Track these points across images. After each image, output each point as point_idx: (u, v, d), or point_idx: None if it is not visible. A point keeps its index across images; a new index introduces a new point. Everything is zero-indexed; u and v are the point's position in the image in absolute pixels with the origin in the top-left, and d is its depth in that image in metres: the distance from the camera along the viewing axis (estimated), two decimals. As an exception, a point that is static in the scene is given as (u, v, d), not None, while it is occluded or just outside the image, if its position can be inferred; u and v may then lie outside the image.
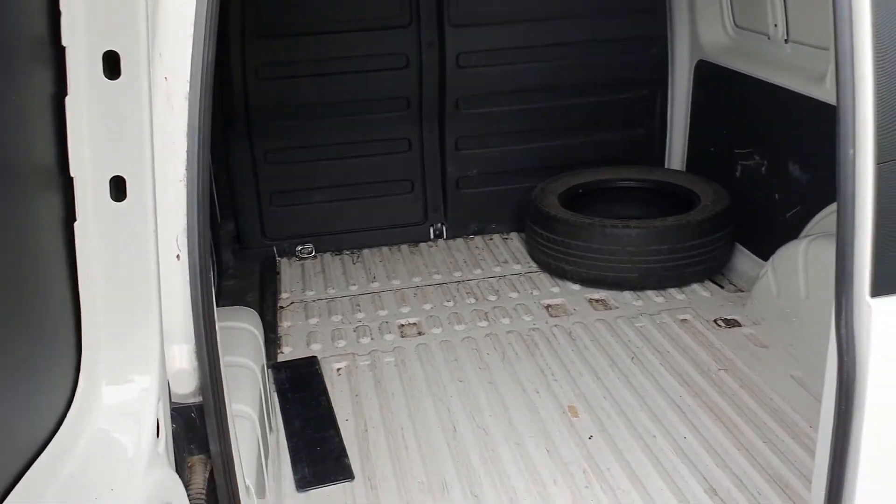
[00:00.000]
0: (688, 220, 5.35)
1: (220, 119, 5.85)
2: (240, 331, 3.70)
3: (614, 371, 4.62)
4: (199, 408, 2.36)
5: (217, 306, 5.44)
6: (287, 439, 4.18)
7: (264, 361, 3.83)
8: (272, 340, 5.11)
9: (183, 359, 2.33)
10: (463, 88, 6.14)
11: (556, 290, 5.59)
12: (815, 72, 4.78)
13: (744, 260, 5.61)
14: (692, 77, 6.22)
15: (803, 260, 4.57)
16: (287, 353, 5.01)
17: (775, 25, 5.18)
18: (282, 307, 5.60)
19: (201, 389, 2.34)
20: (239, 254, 6.24)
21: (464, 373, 4.68)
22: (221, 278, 6.00)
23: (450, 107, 6.16)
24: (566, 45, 6.16)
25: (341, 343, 5.07)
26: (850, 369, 2.33)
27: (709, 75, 6.03)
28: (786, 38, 5.12)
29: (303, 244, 6.32)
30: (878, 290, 2.31)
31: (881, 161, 2.29)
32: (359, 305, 5.53)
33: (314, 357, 4.91)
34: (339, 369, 4.80)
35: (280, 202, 6.23)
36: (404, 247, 6.38)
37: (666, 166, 6.53)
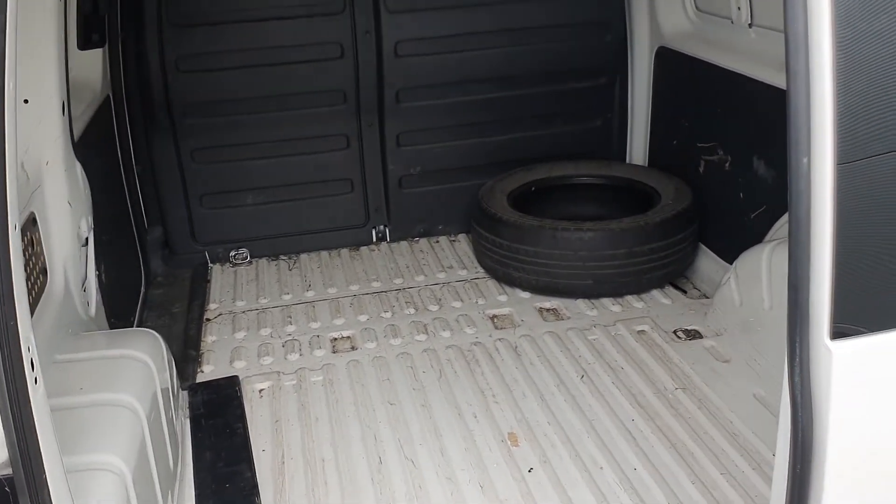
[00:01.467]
0: (646, 221, 4.93)
1: (140, 116, 5.42)
2: (124, 360, 3.25)
3: (561, 391, 4.19)
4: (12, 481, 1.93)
5: (144, 319, 5.12)
6: (194, 475, 3.74)
7: (157, 390, 3.36)
8: (192, 358, 4.72)
9: (-8, 425, 1.90)
10: (403, 79, 5.72)
11: (503, 298, 5.16)
12: (780, 59, 4.34)
13: (708, 262, 5.20)
14: (652, 65, 5.81)
15: (767, 267, 4.16)
16: (207, 371, 4.59)
17: (738, 9, 4.81)
18: (208, 319, 5.17)
19: (11, 462, 1.90)
20: (170, 260, 5.83)
21: (396, 394, 4.26)
22: (149, 287, 5.59)
23: (389, 100, 5.73)
24: (515, 30, 5.76)
25: (267, 360, 4.64)
26: (807, 427, 1.90)
27: (670, 63, 5.63)
28: (750, 22, 4.75)
29: (237, 249, 5.89)
30: (840, 331, 1.88)
31: (841, 161, 1.88)
32: (290, 317, 5.10)
33: (235, 377, 4.48)
34: (261, 390, 4.37)
35: (210, 204, 5.79)
36: (344, 251, 5.95)
37: (627, 161, 6.12)
